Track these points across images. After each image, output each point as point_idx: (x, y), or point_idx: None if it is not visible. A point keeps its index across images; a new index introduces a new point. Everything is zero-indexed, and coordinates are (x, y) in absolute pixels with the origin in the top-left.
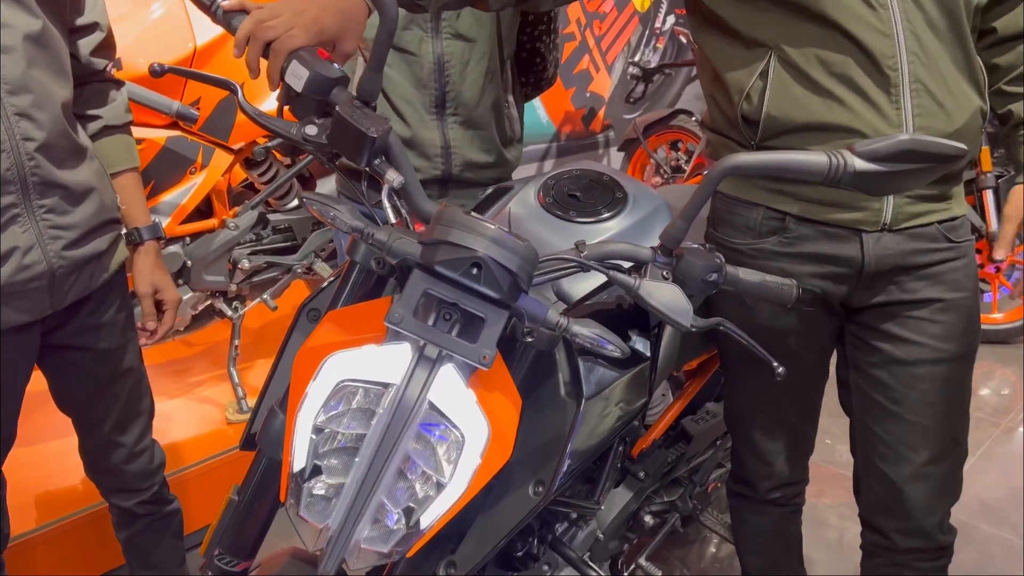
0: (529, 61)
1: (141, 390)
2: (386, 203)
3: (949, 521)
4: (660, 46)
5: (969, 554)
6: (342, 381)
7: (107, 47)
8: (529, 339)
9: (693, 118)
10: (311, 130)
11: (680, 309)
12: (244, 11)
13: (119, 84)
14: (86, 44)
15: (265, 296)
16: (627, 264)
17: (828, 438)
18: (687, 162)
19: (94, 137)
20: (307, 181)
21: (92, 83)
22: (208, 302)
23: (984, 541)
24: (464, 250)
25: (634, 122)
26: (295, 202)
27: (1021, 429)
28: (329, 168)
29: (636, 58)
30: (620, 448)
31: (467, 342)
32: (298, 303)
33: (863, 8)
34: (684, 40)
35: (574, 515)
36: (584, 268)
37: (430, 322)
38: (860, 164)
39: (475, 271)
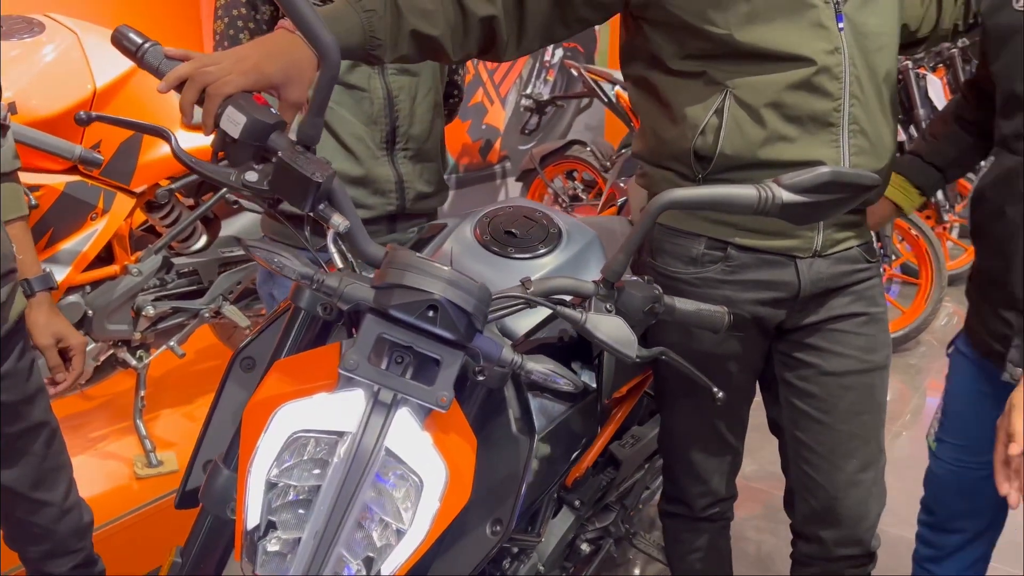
0: (447, 93)
1: (59, 444)
2: (332, 248)
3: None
4: (550, 78)
5: (880, 557)
6: (295, 432)
7: None
8: (481, 378)
9: (588, 148)
10: (251, 176)
11: (626, 341)
12: (185, 60)
13: (3, 129)
14: None
15: (172, 343)
16: (568, 298)
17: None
18: (584, 191)
19: None
20: (211, 222)
21: None
22: (111, 352)
23: (892, 543)
24: (420, 293)
25: (531, 153)
26: (200, 244)
27: (907, 433)
28: (270, 215)
29: (528, 90)
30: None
31: (423, 385)
32: (203, 348)
33: (824, 54)
34: (575, 72)
35: (515, 550)
36: (531, 304)
37: (383, 366)
38: (787, 196)
39: (431, 313)
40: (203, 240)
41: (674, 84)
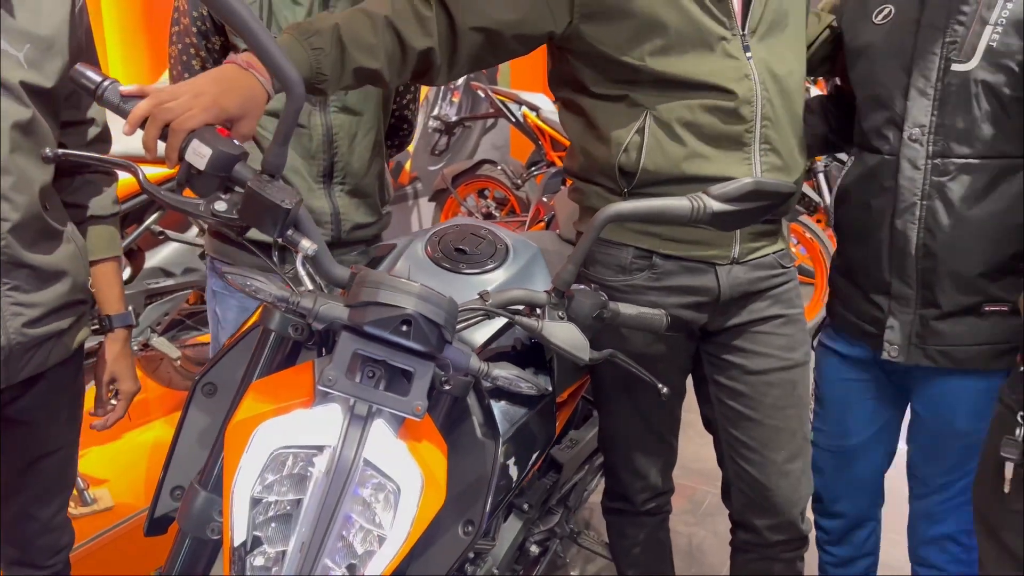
0: (397, 127)
1: (70, 466)
2: (301, 271)
3: (806, 514)
4: (456, 100)
5: None
6: (277, 449)
7: (102, 141)
8: (447, 387)
9: (498, 167)
10: (220, 206)
11: (579, 345)
12: (143, 96)
13: (112, 177)
14: (81, 136)
15: None
16: (521, 308)
17: None
18: (496, 208)
19: (79, 225)
20: (135, 254)
21: (84, 174)
22: None
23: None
24: (394, 309)
25: (442, 173)
26: (124, 277)
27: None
28: (239, 242)
29: (435, 112)
30: None
31: (397, 395)
32: None
33: (735, 81)
34: (481, 94)
35: (471, 555)
36: (491, 315)
37: (356, 380)
38: (716, 205)
39: (405, 328)
40: (127, 273)
41: (599, 106)
